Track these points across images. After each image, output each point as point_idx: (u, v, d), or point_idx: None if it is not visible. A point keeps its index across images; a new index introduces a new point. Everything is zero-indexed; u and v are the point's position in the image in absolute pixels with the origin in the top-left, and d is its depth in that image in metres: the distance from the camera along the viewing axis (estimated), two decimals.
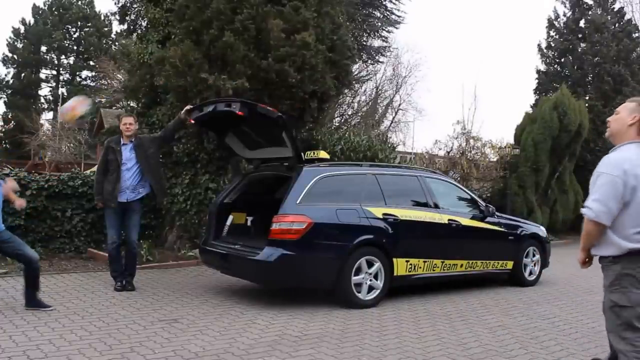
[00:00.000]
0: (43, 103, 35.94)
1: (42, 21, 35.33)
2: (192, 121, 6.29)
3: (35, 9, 35.64)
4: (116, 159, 6.00)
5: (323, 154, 6.48)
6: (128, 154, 6.05)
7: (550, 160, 13.75)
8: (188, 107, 6.27)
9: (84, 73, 35.99)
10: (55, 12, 35.60)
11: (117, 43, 30.67)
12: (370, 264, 5.74)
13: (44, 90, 36.80)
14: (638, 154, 3.07)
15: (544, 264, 7.56)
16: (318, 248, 5.52)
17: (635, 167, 3.00)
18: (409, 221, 6.12)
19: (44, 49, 35.67)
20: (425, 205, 6.48)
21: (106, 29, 35.21)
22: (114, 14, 12.91)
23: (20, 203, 5.25)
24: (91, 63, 31.75)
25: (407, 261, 6.04)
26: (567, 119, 13.73)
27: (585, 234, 3.11)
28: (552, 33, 18.81)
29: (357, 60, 15.95)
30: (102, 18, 34.96)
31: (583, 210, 3.08)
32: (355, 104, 23.25)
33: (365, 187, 6.07)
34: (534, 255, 7.41)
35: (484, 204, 7.20)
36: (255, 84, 7.72)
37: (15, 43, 35.19)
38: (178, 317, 5.02)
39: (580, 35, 18.32)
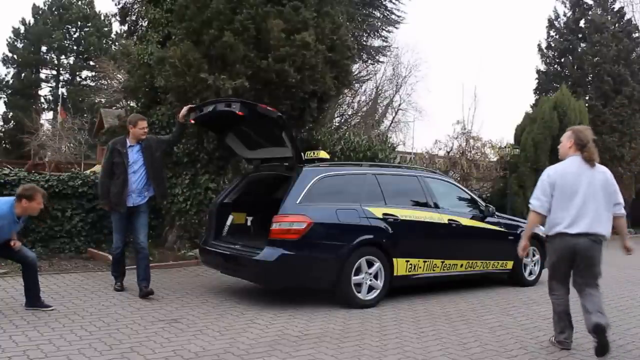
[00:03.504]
0: (43, 103, 35.88)
1: (42, 21, 35.28)
2: (192, 121, 6.27)
3: (35, 9, 35.59)
4: (123, 161, 5.77)
5: (323, 154, 6.48)
6: (135, 155, 5.83)
7: (550, 160, 13.74)
8: (185, 109, 6.11)
9: (84, 73, 35.92)
10: (55, 12, 35.56)
11: (117, 43, 30.66)
12: (370, 264, 5.74)
13: (44, 90, 36.80)
14: (571, 163, 4.31)
15: (544, 264, 7.56)
16: (318, 248, 5.52)
17: (556, 173, 4.32)
18: (409, 221, 6.12)
19: (44, 49, 35.62)
20: (425, 205, 6.48)
21: (106, 29, 35.17)
22: (114, 15, 12.93)
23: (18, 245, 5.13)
24: (91, 63, 31.64)
25: (407, 261, 6.04)
26: (567, 119, 13.73)
27: (529, 222, 4.56)
28: (552, 33, 18.83)
29: (357, 60, 15.96)
30: (102, 18, 34.95)
31: (529, 205, 4.47)
32: (355, 104, 23.25)
33: (365, 187, 6.07)
34: (534, 255, 7.41)
35: (484, 204, 7.20)
36: (255, 84, 7.72)
37: (15, 43, 35.14)
38: (178, 317, 5.02)
39: (580, 35, 18.34)
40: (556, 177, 4.29)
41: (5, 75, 35.37)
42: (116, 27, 31.66)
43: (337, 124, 19.04)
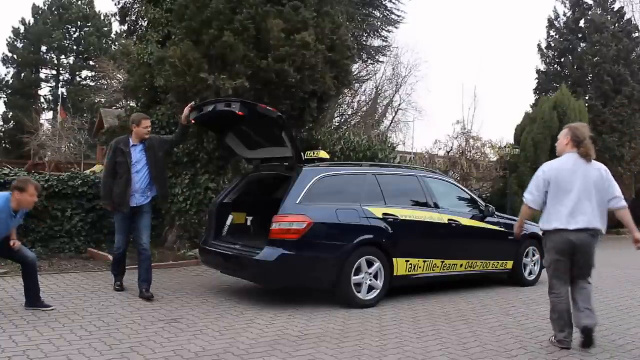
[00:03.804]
0: (43, 103, 35.88)
1: (42, 21, 35.28)
2: (193, 121, 6.26)
3: (35, 9, 35.59)
4: (126, 161, 5.69)
5: (323, 154, 6.48)
6: (138, 155, 5.76)
7: (550, 160, 13.73)
8: (187, 109, 6.07)
9: (84, 73, 35.89)
10: (55, 12, 35.56)
11: (117, 43, 30.66)
12: (370, 264, 5.74)
13: (44, 90, 36.78)
14: (567, 160, 4.44)
15: (543, 263, 7.55)
16: (318, 248, 5.52)
17: (552, 170, 4.46)
18: (409, 221, 6.12)
19: (44, 49, 35.60)
20: (425, 205, 6.48)
21: (106, 29, 35.16)
22: (114, 14, 12.93)
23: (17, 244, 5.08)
24: (91, 63, 31.65)
25: (407, 261, 6.04)
26: (567, 119, 13.73)
27: (521, 214, 4.76)
28: (552, 33, 18.82)
29: (357, 60, 15.95)
30: (102, 18, 34.94)
31: (523, 199, 4.64)
32: (355, 104, 23.24)
33: (365, 187, 6.07)
34: (534, 255, 7.41)
35: (484, 204, 7.20)
36: (255, 84, 7.72)
37: (15, 43, 35.13)
38: (178, 317, 5.02)
39: (580, 35, 18.33)
40: (552, 174, 4.43)
41: (5, 75, 35.40)
42: (116, 27, 31.67)
43: (337, 124, 19.04)
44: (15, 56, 34.93)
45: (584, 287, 4.44)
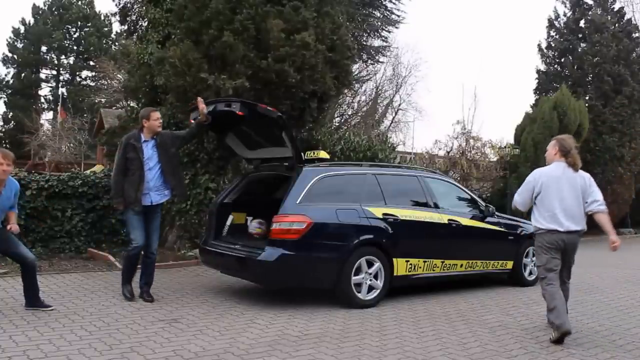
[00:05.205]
0: (43, 103, 35.90)
1: (42, 21, 35.30)
2: (192, 121, 6.24)
3: (35, 9, 35.61)
4: (138, 157, 5.46)
5: (323, 154, 6.48)
6: (150, 151, 5.55)
7: None
8: (201, 105, 5.75)
9: (84, 73, 35.93)
10: (55, 12, 35.58)
11: (117, 43, 30.69)
12: (370, 264, 5.74)
13: (44, 90, 36.82)
14: (556, 167, 4.86)
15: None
16: (318, 248, 5.52)
17: (542, 176, 4.87)
18: (409, 221, 6.12)
19: (44, 49, 35.63)
20: (425, 205, 6.48)
21: (106, 29, 35.18)
22: (114, 14, 12.91)
23: (15, 228, 5.00)
24: (91, 63, 31.70)
25: (407, 261, 6.04)
26: (567, 119, 13.71)
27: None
28: (552, 33, 18.77)
29: (357, 60, 15.93)
30: (102, 18, 34.95)
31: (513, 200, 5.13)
32: (355, 104, 23.24)
33: (365, 187, 6.07)
34: (534, 255, 7.40)
35: (484, 204, 7.20)
36: (255, 84, 7.72)
37: (15, 43, 35.17)
38: (178, 317, 5.02)
39: (580, 35, 18.29)
40: (542, 180, 4.86)
41: (5, 75, 35.45)
42: (116, 27, 31.64)
43: (337, 124, 19.04)
44: (15, 56, 34.95)
45: (568, 286, 5.03)
